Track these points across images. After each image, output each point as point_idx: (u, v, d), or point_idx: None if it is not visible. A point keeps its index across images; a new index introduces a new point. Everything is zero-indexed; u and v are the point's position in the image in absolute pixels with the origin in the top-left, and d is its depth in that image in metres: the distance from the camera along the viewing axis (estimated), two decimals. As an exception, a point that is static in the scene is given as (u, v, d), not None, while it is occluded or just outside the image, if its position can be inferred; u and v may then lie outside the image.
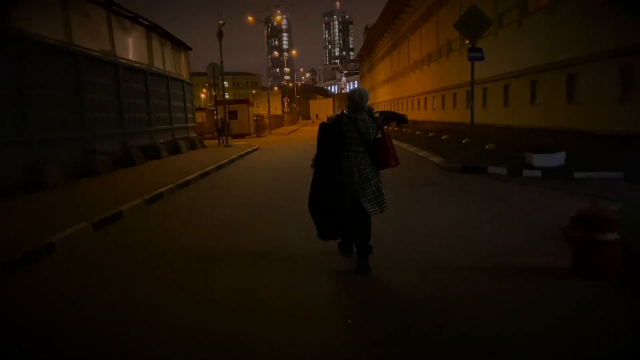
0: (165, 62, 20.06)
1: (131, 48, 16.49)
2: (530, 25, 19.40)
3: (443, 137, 21.80)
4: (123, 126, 14.97)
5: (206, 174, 13.51)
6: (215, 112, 36.12)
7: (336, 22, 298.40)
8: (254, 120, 41.99)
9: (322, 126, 4.99)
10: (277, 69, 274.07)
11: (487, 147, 15.78)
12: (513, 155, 13.92)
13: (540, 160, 11.81)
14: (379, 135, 4.77)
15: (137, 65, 16.74)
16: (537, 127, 18.27)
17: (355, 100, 4.77)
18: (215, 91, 28.39)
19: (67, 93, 11.99)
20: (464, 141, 18.74)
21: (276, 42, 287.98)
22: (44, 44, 11.23)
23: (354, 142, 4.69)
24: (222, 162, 15.74)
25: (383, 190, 4.85)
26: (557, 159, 11.89)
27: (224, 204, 9.13)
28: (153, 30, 18.51)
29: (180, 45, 22.80)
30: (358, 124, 4.67)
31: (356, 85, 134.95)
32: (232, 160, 17.37)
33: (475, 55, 12.97)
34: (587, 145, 13.98)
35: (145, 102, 17.09)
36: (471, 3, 16.69)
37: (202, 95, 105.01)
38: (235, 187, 11.46)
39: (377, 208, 4.76)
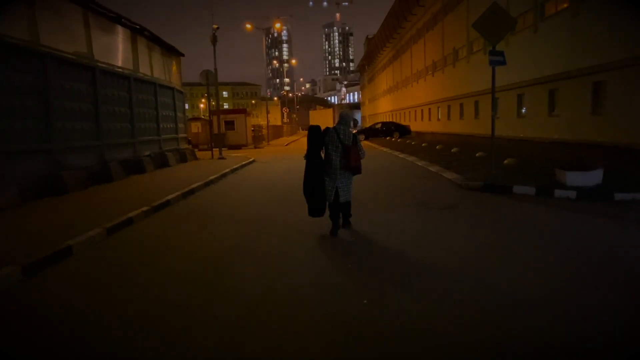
0: (154, 68, 18.54)
1: (112, 51, 14.96)
2: (548, 30, 17.94)
3: (453, 150, 20.22)
4: (100, 137, 13.39)
5: (191, 192, 11.92)
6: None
7: (336, 34, 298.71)
8: (252, 130, 40.49)
9: (310, 127, 7.20)
10: (277, 80, 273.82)
11: (505, 161, 14.21)
12: (537, 171, 12.37)
13: (575, 178, 10.24)
14: (352, 144, 6.85)
15: (120, 70, 15.20)
16: (557, 140, 16.76)
17: (344, 118, 7.08)
18: (209, 100, 26.84)
19: (30, 99, 10.43)
20: (477, 154, 17.19)
21: (276, 53, 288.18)
22: (2, 43, 9.69)
23: (334, 143, 6.85)
24: (211, 178, 14.15)
25: (351, 182, 7.08)
26: (594, 177, 10.30)
27: (199, 238, 7.52)
28: (139, 33, 16.99)
29: (171, 51, 21.30)
30: (339, 132, 6.88)
31: (356, 96, 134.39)
32: (224, 175, 15.80)
33: (497, 59, 11.47)
34: (621, 161, 12.44)
35: (128, 111, 15.52)
36: (479, 9, 15.26)
37: (202, 105, 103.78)
38: (220, 211, 9.84)
39: (346, 196, 7.00)
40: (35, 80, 10.66)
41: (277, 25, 47.26)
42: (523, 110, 20.41)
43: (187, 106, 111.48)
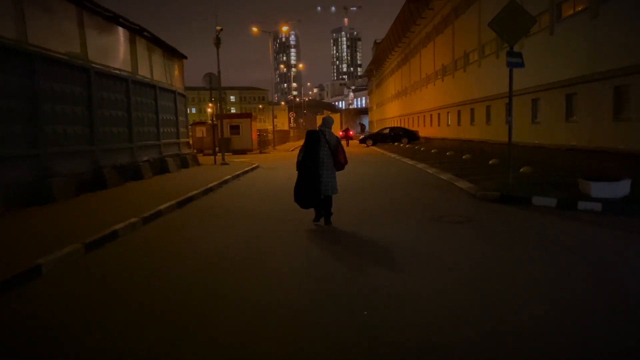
0: (154, 70, 17.93)
1: (109, 52, 14.34)
2: (565, 32, 17.14)
3: (464, 157, 19.43)
4: (94, 142, 12.75)
5: (189, 199, 11.24)
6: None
7: (344, 39, 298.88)
8: (257, 135, 39.88)
9: (307, 132, 8.22)
10: (285, 84, 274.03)
11: (521, 170, 13.42)
12: (556, 180, 11.59)
13: (600, 189, 9.42)
14: (336, 143, 7.93)
15: (117, 72, 14.58)
16: (575, 147, 15.92)
17: (327, 122, 8.17)
18: (214, 104, 26.24)
19: (15, 101, 9.80)
20: (490, 162, 16.42)
21: (284, 58, 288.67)
22: (-15, 41, 9.09)
23: (322, 144, 7.86)
24: (210, 185, 13.46)
25: (335, 178, 8.04)
26: (621, 188, 9.48)
27: (191, 253, 6.81)
28: (138, 33, 16.39)
29: (173, 53, 20.71)
30: (325, 134, 7.93)
31: (364, 101, 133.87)
32: (225, 182, 15.12)
33: (514, 60, 10.73)
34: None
35: (125, 115, 14.90)
36: (492, 10, 14.49)
37: (209, 110, 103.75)
38: (216, 223, 9.15)
39: (333, 190, 7.95)
40: (22, 82, 10.04)
41: (284, 28, 46.71)
42: (538, 116, 19.58)
43: (194, 110, 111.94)
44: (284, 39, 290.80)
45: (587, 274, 5.22)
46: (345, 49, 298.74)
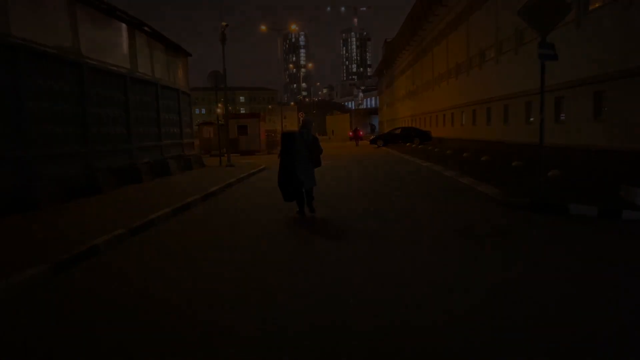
0: (155, 67, 17.03)
1: (105, 47, 13.42)
2: (593, 25, 15.96)
3: (483, 159, 18.29)
4: (87, 143, 11.85)
5: (185, 207, 10.28)
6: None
7: (354, 39, 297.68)
8: (266, 135, 38.97)
9: (282, 134, 9.95)
10: (295, 85, 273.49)
11: (550, 173, 12.30)
12: (590, 185, 10.49)
13: (648, 197, 8.34)
14: (312, 142, 8.85)
15: (114, 68, 13.67)
16: (605, 148, 14.76)
17: (305, 124, 9.07)
18: (222, 103, 25.39)
19: (-5, 98, 8.92)
20: (514, 164, 15.27)
21: (294, 59, 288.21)
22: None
23: (299, 142, 8.71)
24: (212, 189, 12.51)
25: (313, 172, 8.95)
26: (671, 195, 8.39)
27: (182, 276, 5.85)
28: (138, 28, 15.48)
29: (177, 50, 19.81)
30: (303, 134, 8.83)
31: (374, 101, 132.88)
32: (229, 185, 14.17)
33: (547, 52, 9.67)
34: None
35: (123, 114, 14.00)
36: (511, 3, 13.39)
37: (219, 110, 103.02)
38: (215, 234, 8.20)
39: (312, 183, 8.85)
40: (4, 77, 9.15)
41: (293, 27, 45.81)
42: (562, 116, 18.40)
43: (204, 111, 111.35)
44: (293, 40, 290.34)
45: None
46: (354, 49, 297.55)
